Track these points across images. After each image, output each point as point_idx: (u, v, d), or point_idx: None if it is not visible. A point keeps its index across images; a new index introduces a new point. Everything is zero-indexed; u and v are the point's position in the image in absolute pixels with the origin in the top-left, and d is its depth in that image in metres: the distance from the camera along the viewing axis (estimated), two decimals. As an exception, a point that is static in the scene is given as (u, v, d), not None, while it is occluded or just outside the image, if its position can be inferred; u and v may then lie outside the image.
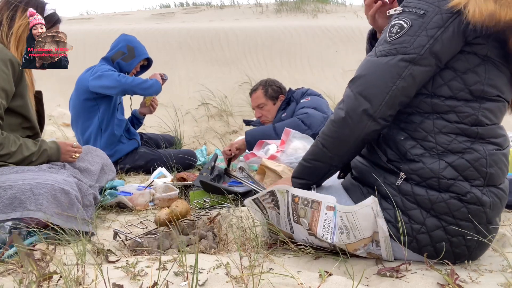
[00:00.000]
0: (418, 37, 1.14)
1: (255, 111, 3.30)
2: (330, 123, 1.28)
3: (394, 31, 1.18)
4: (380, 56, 1.19)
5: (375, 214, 1.16)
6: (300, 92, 3.19)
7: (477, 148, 1.16)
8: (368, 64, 1.22)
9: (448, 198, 1.15)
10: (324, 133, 1.30)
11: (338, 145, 1.27)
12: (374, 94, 1.18)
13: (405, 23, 1.17)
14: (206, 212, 1.79)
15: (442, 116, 1.18)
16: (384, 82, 1.17)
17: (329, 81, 5.39)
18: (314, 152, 1.33)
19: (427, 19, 1.14)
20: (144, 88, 2.82)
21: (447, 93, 1.17)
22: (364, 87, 1.20)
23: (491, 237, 1.18)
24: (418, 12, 1.16)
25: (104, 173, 2.04)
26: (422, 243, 1.18)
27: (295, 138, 2.46)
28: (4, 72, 1.59)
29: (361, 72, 1.23)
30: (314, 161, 1.33)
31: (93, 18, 9.11)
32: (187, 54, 5.99)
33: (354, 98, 1.20)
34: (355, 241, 1.20)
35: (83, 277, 1.05)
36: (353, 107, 1.20)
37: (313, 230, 1.25)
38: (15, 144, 1.61)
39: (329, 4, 8.56)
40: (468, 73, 1.17)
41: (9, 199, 1.41)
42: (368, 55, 1.27)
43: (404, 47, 1.16)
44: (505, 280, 1.07)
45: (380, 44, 1.22)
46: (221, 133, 4.57)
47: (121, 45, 2.99)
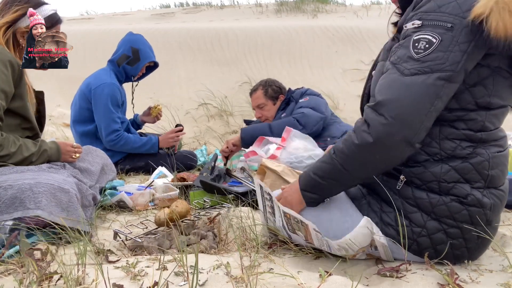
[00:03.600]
0: (451, 53, 1.06)
1: (255, 111, 3.30)
2: (353, 146, 1.14)
3: (422, 47, 1.08)
4: (411, 75, 1.08)
5: (371, 231, 1.16)
6: (299, 92, 3.19)
7: (480, 152, 1.15)
8: (398, 85, 1.10)
9: (449, 201, 1.15)
10: (345, 153, 1.17)
11: (363, 168, 1.18)
12: (412, 119, 1.07)
13: (433, 38, 1.07)
14: (206, 212, 1.79)
15: (450, 124, 1.16)
16: (422, 105, 1.07)
17: (329, 81, 5.39)
18: (331, 171, 1.21)
19: (457, 33, 1.06)
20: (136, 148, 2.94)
21: (454, 105, 1.14)
22: (399, 111, 1.07)
23: (490, 238, 1.18)
24: (445, 25, 1.07)
25: (105, 173, 2.04)
26: (422, 246, 1.18)
27: (296, 137, 2.45)
28: (3, 73, 1.59)
29: (392, 95, 1.09)
30: (331, 180, 1.22)
31: (93, 18, 9.12)
32: (187, 54, 6.00)
33: (388, 124, 1.07)
34: (353, 253, 1.21)
35: (83, 277, 1.05)
36: (388, 133, 1.08)
37: (310, 241, 1.26)
38: (14, 144, 1.61)
39: (329, 4, 8.56)
40: (477, 86, 1.13)
41: (10, 199, 1.41)
42: (389, 73, 1.14)
43: (438, 64, 1.06)
44: (505, 280, 1.07)
45: (403, 61, 1.11)
46: (221, 133, 4.57)
47: (126, 47, 2.96)
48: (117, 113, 2.85)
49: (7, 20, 1.70)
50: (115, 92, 2.83)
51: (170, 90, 5.46)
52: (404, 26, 1.16)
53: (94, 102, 2.82)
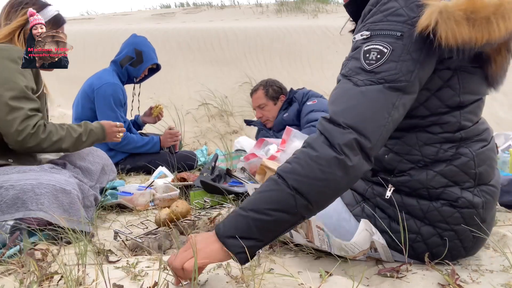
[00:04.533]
0: (404, 62, 1.00)
1: (256, 111, 3.30)
2: (311, 160, 0.97)
3: (373, 57, 1.02)
4: (365, 85, 1.01)
5: (370, 233, 1.15)
6: (301, 93, 3.19)
7: (463, 152, 1.12)
8: (353, 94, 1.02)
9: (440, 206, 1.13)
10: (298, 173, 0.96)
11: (323, 190, 0.97)
12: (371, 128, 0.98)
13: (384, 48, 1.01)
14: (206, 212, 1.79)
15: (426, 130, 1.13)
16: (380, 113, 0.99)
17: (329, 81, 5.38)
18: (276, 198, 0.96)
19: (407, 41, 1.01)
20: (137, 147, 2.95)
21: (424, 112, 1.12)
22: (357, 119, 0.98)
23: (486, 236, 1.18)
24: (394, 34, 1.01)
25: (105, 174, 2.05)
26: (418, 251, 1.17)
27: (296, 138, 2.45)
28: (26, 72, 1.65)
29: (347, 104, 1.01)
30: (276, 211, 0.95)
31: (94, 18, 9.12)
32: (187, 54, 6.00)
33: (347, 132, 0.97)
34: (353, 255, 1.21)
35: (83, 277, 1.05)
36: (347, 142, 0.96)
37: (311, 240, 1.26)
38: (62, 129, 1.70)
39: (329, 4, 8.55)
40: (442, 89, 1.09)
41: (12, 199, 1.41)
42: (341, 83, 1.07)
43: (392, 75, 1.00)
44: (506, 281, 1.07)
45: (355, 73, 1.04)
46: (221, 133, 4.57)
47: (129, 49, 2.99)
48: (120, 112, 2.85)
49: (19, 23, 1.74)
50: (117, 92, 2.84)
51: (170, 90, 5.47)
52: (353, 38, 1.12)
53: (97, 101, 2.83)
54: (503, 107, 4.58)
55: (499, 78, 1.14)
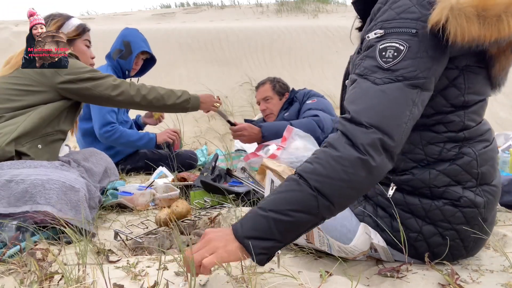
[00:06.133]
0: (421, 59, 1.00)
1: (260, 104, 3.33)
2: (333, 160, 0.95)
3: (390, 55, 1.01)
4: (384, 84, 1.00)
5: (369, 236, 1.15)
6: (302, 93, 3.21)
7: (466, 151, 1.13)
8: (373, 92, 1.00)
9: (442, 205, 1.13)
10: (320, 174, 0.95)
11: (346, 191, 0.95)
12: (394, 126, 0.97)
13: (400, 45, 1.01)
14: (206, 212, 1.80)
15: (430, 129, 1.13)
16: (401, 111, 0.98)
17: (329, 81, 5.38)
18: (298, 199, 0.95)
19: (423, 38, 1.00)
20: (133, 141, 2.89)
21: (429, 111, 1.12)
22: (379, 118, 0.96)
23: (486, 237, 1.18)
24: (409, 31, 1.01)
25: (107, 176, 2.05)
26: (419, 250, 1.17)
27: (297, 136, 2.45)
28: None
29: (368, 103, 1.00)
30: (297, 212, 0.94)
31: (94, 18, 9.11)
32: (188, 54, 6.00)
33: (371, 132, 0.95)
34: (353, 256, 1.21)
35: (84, 277, 1.05)
36: (371, 142, 0.94)
37: (311, 241, 1.26)
38: (145, 88, 2.03)
39: (329, 4, 8.55)
40: (448, 89, 1.10)
41: (21, 193, 1.43)
42: (357, 82, 1.06)
43: (410, 72, 1.00)
44: (506, 280, 1.07)
45: (372, 72, 1.03)
46: (221, 133, 4.57)
47: (118, 41, 2.96)
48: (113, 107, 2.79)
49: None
50: None
51: (170, 90, 5.45)
52: (366, 37, 1.11)
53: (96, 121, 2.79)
54: (504, 108, 4.58)
55: (501, 79, 1.15)
